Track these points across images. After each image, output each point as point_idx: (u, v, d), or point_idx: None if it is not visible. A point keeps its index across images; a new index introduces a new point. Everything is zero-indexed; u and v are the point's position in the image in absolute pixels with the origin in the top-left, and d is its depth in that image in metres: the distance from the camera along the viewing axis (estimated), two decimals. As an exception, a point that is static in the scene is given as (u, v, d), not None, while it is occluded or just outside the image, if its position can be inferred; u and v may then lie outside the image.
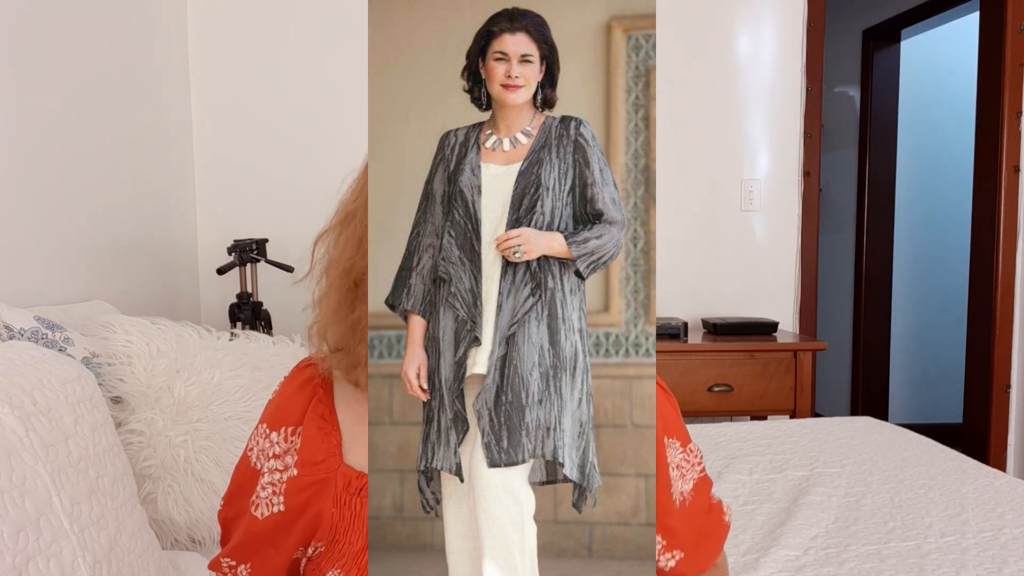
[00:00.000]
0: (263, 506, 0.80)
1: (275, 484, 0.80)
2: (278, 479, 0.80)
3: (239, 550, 0.83)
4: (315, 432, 0.80)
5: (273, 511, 0.80)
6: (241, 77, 2.64)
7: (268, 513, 0.80)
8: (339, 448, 0.80)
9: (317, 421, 0.80)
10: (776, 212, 2.91)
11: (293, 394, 0.83)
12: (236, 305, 2.24)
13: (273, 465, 0.81)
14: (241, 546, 0.83)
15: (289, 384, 0.84)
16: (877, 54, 4.02)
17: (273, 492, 0.80)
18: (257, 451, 0.83)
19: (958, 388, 3.29)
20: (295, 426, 0.81)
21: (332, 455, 0.79)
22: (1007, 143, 2.87)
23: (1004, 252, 2.90)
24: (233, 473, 0.86)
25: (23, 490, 0.89)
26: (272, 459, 0.81)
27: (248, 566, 0.83)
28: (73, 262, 1.83)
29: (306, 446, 0.79)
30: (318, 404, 0.81)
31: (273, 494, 0.80)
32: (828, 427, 2.07)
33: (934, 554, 1.30)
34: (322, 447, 0.79)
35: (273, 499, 0.80)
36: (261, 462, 0.82)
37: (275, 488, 0.80)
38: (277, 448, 0.81)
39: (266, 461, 0.81)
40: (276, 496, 0.80)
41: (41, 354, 1.11)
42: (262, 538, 0.81)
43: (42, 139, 1.72)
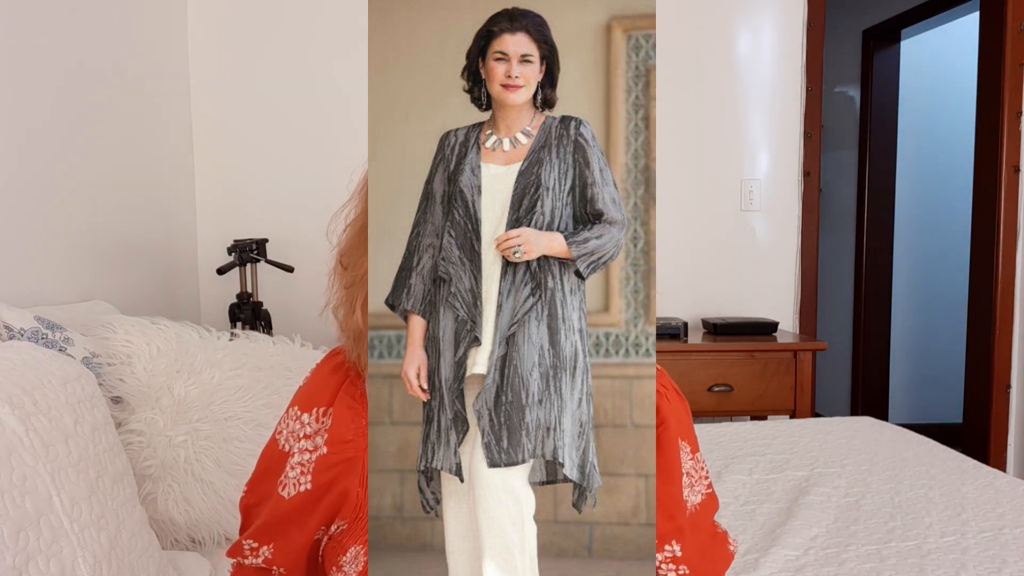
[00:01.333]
0: (291, 486, 0.82)
1: (304, 464, 0.82)
2: (308, 459, 0.82)
3: (263, 531, 0.85)
4: (346, 412, 0.82)
5: (300, 490, 0.82)
6: (241, 77, 2.64)
7: (295, 492, 0.82)
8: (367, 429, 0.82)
9: (348, 401, 0.83)
10: (776, 212, 2.91)
11: (326, 377, 0.85)
12: (236, 305, 2.24)
13: (303, 445, 0.83)
14: (265, 526, 0.84)
15: (322, 368, 0.87)
16: (877, 54, 4.02)
17: (302, 472, 0.82)
18: (287, 433, 0.85)
19: (958, 388, 3.29)
20: (327, 407, 0.83)
21: (361, 435, 0.82)
22: (1007, 143, 2.87)
23: (1004, 252, 2.90)
24: (259, 460, 0.89)
25: (23, 490, 0.89)
26: (303, 439, 0.83)
27: (271, 547, 0.84)
28: (73, 262, 1.83)
29: (336, 425, 0.82)
30: (349, 386, 0.84)
31: (301, 473, 0.82)
32: (828, 427, 2.07)
33: (934, 554, 1.30)
34: (352, 427, 0.82)
35: (301, 478, 0.82)
36: (291, 444, 0.84)
37: (304, 468, 0.82)
38: (308, 428, 0.83)
39: (296, 442, 0.84)
40: (304, 475, 0.82)
41: (41, 354, 1.11)
42: (287, 517, 0.83)
43: (42, 139, 1.72)
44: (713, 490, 0.91)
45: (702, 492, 0.89)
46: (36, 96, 1.70)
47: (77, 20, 1.87)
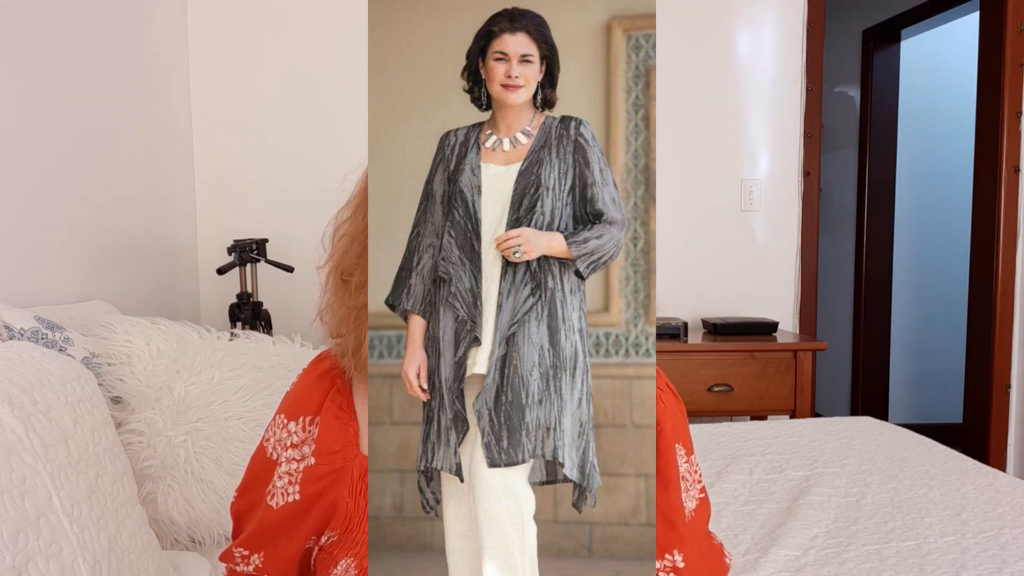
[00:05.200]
0: (279, 496, 0.82)
1: (292, 474, 0.82)
2: (295, 468, 0.82)
3: (252, 539, 0.84)
4: (333, 422, 0.82)
5: (288, 500, 0.81)
6: (241, 77, 2.64)
7: (283, 503, 0.81)
8: (356, 438, 0.82)
9: (335, 411, 0.82)
10: (776, 212, 2.91)
11: (312, 385, 0.85)
12: (236, 305, 2.24)
13: (290, 455, 0.82)
14: (255, 535, 0.84)
15: (308, 376, 0.86)
16: (877, 54, 4.02)
17: (289, 482, 0.82)
18: (274, 441, 0.84)
19: (958, 388, 3.29)
20: (313, 416, 0.83)
21: (349, 445, 0.81)
22: (1007, 143, 2.87)
23: (1004, 252, 2.90)
24: (248, 465, 0.88)
25: (23, 490, 0.89)
26: (289, 448, 0.83)
27: (261, 555, 0.84)
28: (73, 262, 1.83)
29: (324, 435, 0.81)
30: (336, 394, 0.83)
31: (289, 483, 0.82)
32: (828, 427, 2.07)
33: (934, 554, 1.29)
34: (339, 437, 0.81)
35: (289, 488, 0.81)
36: (278, 452, 0.83)
37: (291, 478, 0.82)
38: (295, 438, 0.82)
39: (283, 451, 0.83)
40: (292, 485, 0.81)
41: (41, 354, 1.11)
42: (276, 527, 0.82)
43: (42, 139, 1.72)
44: (706, 494, 0.91)
45: (696, 497, 0.89)
46: (36, 96, 1.70)
47: (77, 20, 1.87)
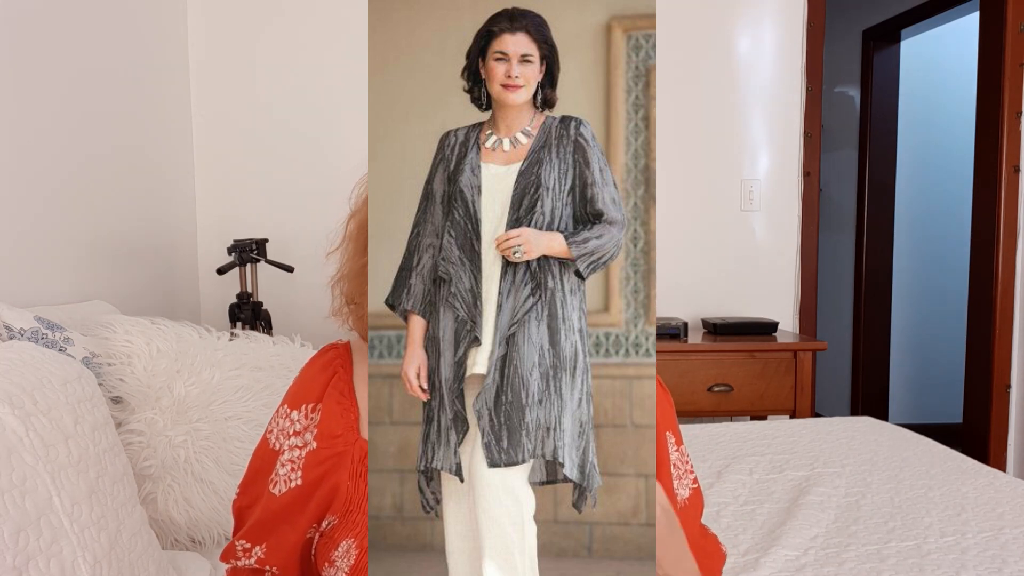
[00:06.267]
0: (281, 483, 0.83)
1: (294, 460, 0.83)
2: (297, 455, 0.83)
3: (254, 530, 0.85)
4: (335, 407, 0.83)
5: (291, 486, 0.82)
6: (241, 77, 2.64)
7: (286, 489, 0.82)
8: (357, 423, 0.83)
9: (336, 396, 0.84)
10: (776, 212, 2.91)
11: (315, 374, 0.86)
12: (236, 305, 2.24)
13: (293, 442, 0.83)
14: (257, 525, 0.85)
15: (311, 365, 0.88)
16: (877, 54, 4.02)
17: (292, 468, 0.83)
18: (277, 432, 0.86)
19: (958, 388, 3.29)
20: (315, 403, 0.84)
21: (350, 429, 0.83)
22: (1007, 143, 2.87)
23: (1004, 252, 2.90)
24: (250, 460, 0.89)
25: (23, 490, 0.89)
26: (292, 436, 0.84)
27: (263, 546, 0.84)
28: (73, 262, 1.83)
29: (325, 420, 0.83)
30: (338, 381, 0.85)
31: (292, 470, 0.83)
32: (828, 427, 2.07)
33: (934, 554, 1.30)
34: (341, 421, 0.83)
35: (291, 475, 0.82)
36: (280, 441, 0.85)
37: (294, 464, 0.83)
38: (297, 425, 0.84)
39: (286, 440, 0.84)
40: (295, 472, 0.82)
41: (41, 354, 1.11)
42: (279, 515, 0.83)
43: (42, 139, 1.72)
44: (699, 485, 0.92)
45: (689, 487, 0.90)
46: (36, 97, 1.70)
47: (77, 21, 1.87)
